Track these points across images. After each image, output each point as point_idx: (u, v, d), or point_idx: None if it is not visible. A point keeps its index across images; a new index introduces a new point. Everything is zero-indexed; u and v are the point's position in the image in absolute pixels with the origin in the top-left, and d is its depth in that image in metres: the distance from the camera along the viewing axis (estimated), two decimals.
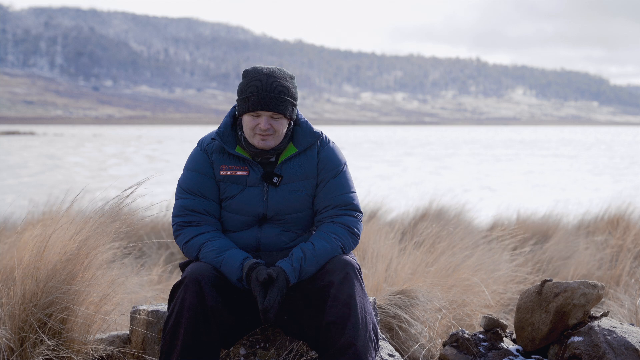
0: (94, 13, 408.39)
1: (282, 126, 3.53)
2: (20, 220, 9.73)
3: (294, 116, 3.59)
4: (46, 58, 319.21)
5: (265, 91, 3.48)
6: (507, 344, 4.17)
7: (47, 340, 3.57)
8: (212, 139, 3.61)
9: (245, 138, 3.56)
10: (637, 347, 3.79)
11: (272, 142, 3.53)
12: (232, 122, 3.64)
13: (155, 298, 5.60)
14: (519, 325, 4.13)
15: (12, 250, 4.75)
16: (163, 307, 3.90)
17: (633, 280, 6.46)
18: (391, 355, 3.88)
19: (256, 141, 3.52)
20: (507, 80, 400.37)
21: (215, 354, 3.35)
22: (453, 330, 4.22)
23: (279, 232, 3.61)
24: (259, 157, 3.58)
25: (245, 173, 3.58)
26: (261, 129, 3.49)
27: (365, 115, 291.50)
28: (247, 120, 3.52)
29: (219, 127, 3.62)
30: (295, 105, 3.57)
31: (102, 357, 3.82)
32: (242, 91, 3.53)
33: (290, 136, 3.62)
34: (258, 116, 3.50)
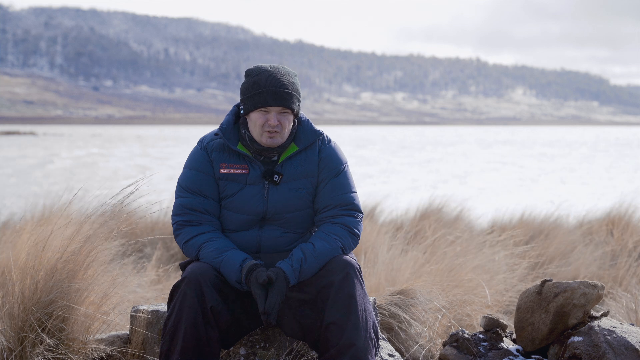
0: (94, 13, 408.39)
1: (289, 122, 3.54)
2: (21, 219, 9.71)
3: (299, 112, 3.59)
4: (46, 58, 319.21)
5: (274, 87, 3.48)
6: (507, 344, 4.16)
7: (47, 339, 3.56)
8: (216, 134, 3.61)
9: (249, 136, 3.56)
10: (637, 347, 3.79)
11: (279, 140, 3.53)
12: (234, 120, 3.64)
13: (155, 298, 5.59)
14: (519, 325, 4.13)
15: (11, 250, 4.74)
16: (163, 307, 3.90)
17: (633, 280, 6.45)
18: (391, 355, 3.88)
19: (264, 139, 3.52)
20: (507, 80, 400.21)
21: (215, 354, 3.35)
22: (453, 330, 4.22)
23: (279, 235, 3.60)
24: (262, 155, 3.58)
25: (245, 171, 3.58)
26: (271, 125, 3.49)
27: (365, 115, 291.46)
28: (255, 118, 3.52)
29: (221, 124, 3.62)
30: (300, 101, 3.57)
31: (102, 357, 3.82)
32: (249, 89, 3.52)
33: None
34: (267, 112, 3.50)
